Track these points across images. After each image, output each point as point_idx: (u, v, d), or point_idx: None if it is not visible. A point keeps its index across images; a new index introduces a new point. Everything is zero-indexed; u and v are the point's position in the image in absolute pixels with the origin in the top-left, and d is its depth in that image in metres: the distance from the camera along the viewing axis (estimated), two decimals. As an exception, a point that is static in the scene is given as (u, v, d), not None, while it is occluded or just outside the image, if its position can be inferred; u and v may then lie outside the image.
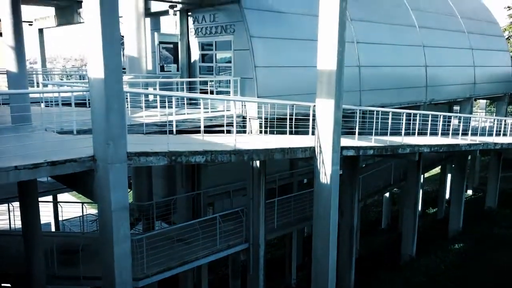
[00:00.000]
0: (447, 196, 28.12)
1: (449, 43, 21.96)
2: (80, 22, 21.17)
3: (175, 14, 15.92)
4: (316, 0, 10.69)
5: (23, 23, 11.08)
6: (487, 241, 19.85)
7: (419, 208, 23.21)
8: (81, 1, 20.36)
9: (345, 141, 12.49)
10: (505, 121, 21.28)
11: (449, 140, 16.83)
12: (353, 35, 16.41)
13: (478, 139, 18.00)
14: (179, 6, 15.50)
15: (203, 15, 15.49)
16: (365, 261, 20.45)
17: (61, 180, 9.76)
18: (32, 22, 25.56)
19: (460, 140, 17.27)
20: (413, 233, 18.71)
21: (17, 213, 13.18)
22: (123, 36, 15.98)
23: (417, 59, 19.69)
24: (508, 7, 46.04)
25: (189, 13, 15.94)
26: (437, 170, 31.60)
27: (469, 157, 24.79)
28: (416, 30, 20.04)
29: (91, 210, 21.69)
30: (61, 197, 23.67)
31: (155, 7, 16.62)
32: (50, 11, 23.91)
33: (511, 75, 26.60)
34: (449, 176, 28.00)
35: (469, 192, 29.13)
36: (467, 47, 23.04)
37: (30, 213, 12.17)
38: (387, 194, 26.85)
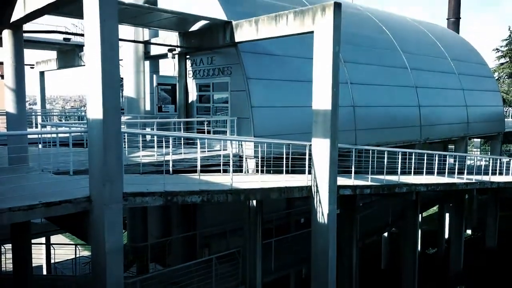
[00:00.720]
0: (446, 235, 27.83)
1: (441, 84, 22.50)
2: (81, 65, 21.64)
3: (174, 57, 16.35)
4: (310, 43, 11.04)
5: (25, 65, 11.34)
6: (488, 282, 19.47)
7: (419, 248, 22.90)
8: (83, 45, 20.90)
9: (342, 180, 12.51)
10: (500, 160, 21.43)
11: (445, 179, 16.88)
12: (346, 76, 16.81)
13: (474, 178, 18.07)
14: (178, 49, 15.94)
15: (201, 58, 15.91)
16: (365, 304, 19.94)
17: (55, 221, 9.67)
18: (33, 65, 26.10)
19: (456, 179, 17.32)
20: (413, 273, 18.37)
21: (9, 255, 12.93)
22: (122, 78, 16.35)
23: (410, 99, 20.09)
24: (497, 49, 47.51)
25: (188, 56, 16.38)
26: (435, 209, 31.42)
27: (467, 196, 24.75)
28: (408, 71, 20.56)
29: (85, 252, 21.28)
30: (54, 238, 23.27)
31: (155, 50, 17.09)
32: (52, 54, 24.49)
33: (503, 115, 27.06)
34: (447, 215, 27.83)
35: (468, 231, 28.87)
36: (458, 88, 23.58)
37: (22, 255, 11.94)
38: (386, 234, 26.54)
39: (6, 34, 10.55)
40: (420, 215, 23.51)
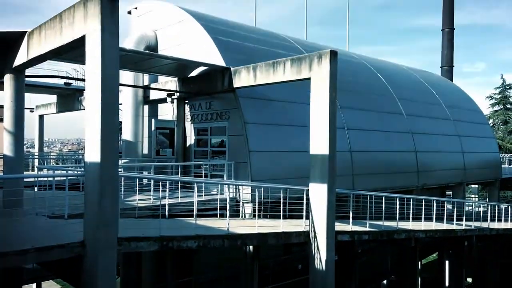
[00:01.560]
0: (447, 283, 27.12)
1: (437, 130, 22.79)
2: (80, 109, 21.89)
3: (173, 102, 16.61)
4: (307, 89, 11.28)
5: (24, 109, 11.46)
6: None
7: (419, 297, 22.25)
8: (83, 89, 21.24)
9: (340, 226, 12.37)
10: (498, 207, 21.32)
11: (444, 226, 16.71)
12: (343, 122, 17.03)
13: (473, 225, 17.90)
14: (177, 94, 16.22)
15: (199, 102, 16.16)
16: None
17: (47, 267, 9.44)
18: (33, 109, 26.40)
19: (455, 226, 17.15)
20: (414, 324, 17.76)
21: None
22: (121, 122, 16.51)
23: (406, 145, 20.26)
24: (490, 96, 48.50)
25: (186, 101, 16.64)
26: (434, 255, 30.84)
27: (466, 243, 24.38)
28: (404, 117, 20.87)
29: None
30: (45, 284, 22.56)
31: (154, 95, 17.38)
32: (52, 98, 24.83)
33: (500, 161, 27.19)
34: (447, 262, 27.26)
35: (469, 279, 28.18)
36: (454, 134, 23.86)
37: (11, 302, 11.53)
38: (385, 282, 25.86)
39: (8, 78, 10.73)
40: (419, 262, 23.06)
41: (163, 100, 16.85)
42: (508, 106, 47.63)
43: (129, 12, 19.06)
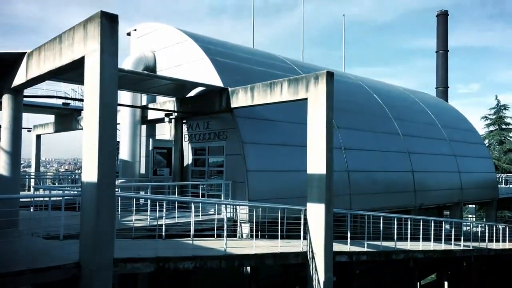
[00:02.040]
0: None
1: (433, 150, 22.88)
2: (78, 129, 21.90)
3: (171, 122, 16.66)
4: (304, 109, 11.37)
5: (22, 129, 11.46)
6: None
7: (419, 319, 21.93)
8: (81, 109, 21.30)
9: (338, 246, 12.29)
10: (496, 227, 21.25)
11: (442, 246, 16.62)
12: (340, 142, 17.09)
13: (471, 245, 17.81)
14: (175, 114, 16.29)
15: (197, 122, 16.22)
16: None
17: (41, 288, 9.28)
18: (31, 128, 26.40)
19: (453, 246, 17.06)
20: None
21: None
22: (118, 142, 16.52)
23: (403, 165, 20.31)
24: (485, 116, 48.87)
25: (184, 121, 16.70)
26: (433, 276, 30.50)
27: (464, 264, 24.20)
28: (400, 137, 20.98)
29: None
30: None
31: (152, 115, 17.45)
32: (49, 117, 24.86)
33: (496, 181, 27.24)
34: (446, 283, 26.97)
35: (469, 301, 27.81)
36: (450, 154, 23.95)
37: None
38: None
39: (6, 98, 10.74)
40: (418, 283, 22.81)
41: (161, 120, 16.92)
42: (503, 126, 47.95)
43: (128, 34, 19.31)
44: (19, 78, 10.03)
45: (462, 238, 17.60)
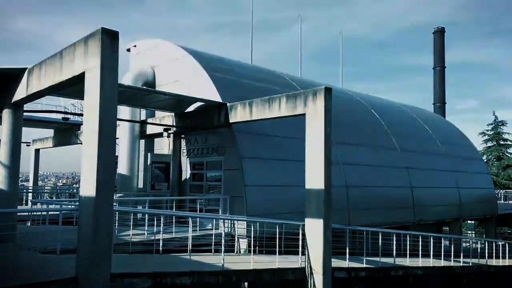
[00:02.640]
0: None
1: (431, 165, 22.91)
2: (77, 143, 21.92)
3: (169, 136, 16.72)
4: (302, 124, 11.43)
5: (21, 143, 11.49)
6: None
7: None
8: (80, 124, 21.30)
9: (336, 262, 12.21)
10: (495, 243, 21.14)
11: (442, 262, 16.51)
12: (338, 157, 17.12)
13: (471, 261, 17.70)
14: (173, 129, 16.35)
15: (195, 137, 16.28)
16: None
17: (37, 304, 9.19)
18: (30, 143, 26.41)
19: (453, 263, 16.95)
20: None
21: None
22: (117, 156, 16.54)
23: (402, 180, 20.31)
24: (483, 132, 49.06)
25: (182, 135, 16.76)
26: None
27: (464, 280, 24.01)
28: (398, 153, 21.03)
29: None
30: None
31: (150, 129, 17.52)
32: (49, 132, 24.90)
33: (495, 197, 27.22)
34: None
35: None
36: (449, 170, 23.98)
37: None
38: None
39: (6, 112, 10.81)
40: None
41: (160, 135, 16.98)
42: (501, 142, 48.09)
43: (128, 50, 19.50)
44: (20, 93, 10.11)
45: (461, 254, 17.50)
